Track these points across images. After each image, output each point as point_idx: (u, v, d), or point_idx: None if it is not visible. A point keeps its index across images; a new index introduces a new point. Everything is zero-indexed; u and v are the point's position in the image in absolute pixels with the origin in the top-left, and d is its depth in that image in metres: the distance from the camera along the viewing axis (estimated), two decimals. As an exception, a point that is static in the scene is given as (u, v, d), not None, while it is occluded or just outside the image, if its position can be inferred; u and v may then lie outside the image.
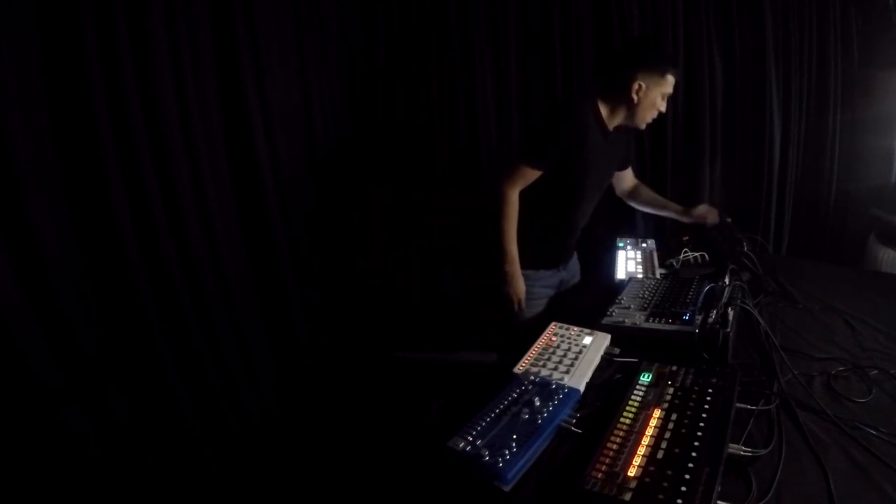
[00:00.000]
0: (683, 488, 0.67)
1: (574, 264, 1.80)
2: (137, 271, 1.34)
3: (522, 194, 1.50)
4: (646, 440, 0.79)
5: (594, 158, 1.49)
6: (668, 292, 1.36)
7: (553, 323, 1.24)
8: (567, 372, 1.03)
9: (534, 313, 1.63)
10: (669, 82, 1.44)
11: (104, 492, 1.24)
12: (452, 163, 2.41)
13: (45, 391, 1.12)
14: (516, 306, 1.56)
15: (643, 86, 1.42)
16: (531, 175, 1.46)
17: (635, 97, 1.43)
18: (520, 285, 1.54)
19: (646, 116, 1.48)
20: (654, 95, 1.44)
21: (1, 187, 1.07)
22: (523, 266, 1.55)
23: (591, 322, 1.23)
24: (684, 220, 1.76)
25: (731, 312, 1.10)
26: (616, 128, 1.54)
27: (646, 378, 0.96)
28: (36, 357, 1.11)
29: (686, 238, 1.85)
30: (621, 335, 1.18)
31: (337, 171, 2.22)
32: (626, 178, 1.82)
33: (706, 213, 1.73)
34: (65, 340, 1.18)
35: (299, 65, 2.02)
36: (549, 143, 1.44)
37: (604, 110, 1.49)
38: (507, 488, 0.76)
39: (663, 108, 1.49)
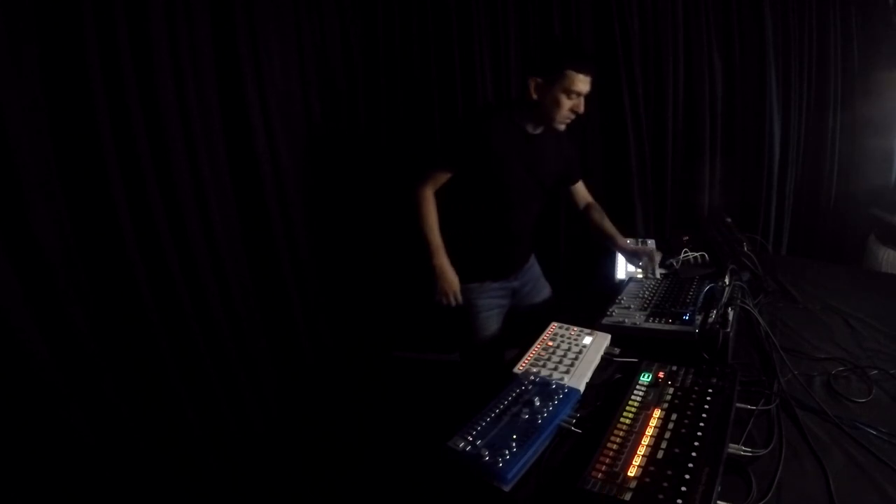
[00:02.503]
0: (683, 488, 0.68)
1: (531, 273, 1.72)
2: (137, 271, 1.34)
3: (458, 206, 1.52)
4: (646, 440, 0.79)
5: (511, 161, 1.46)
6: (668, 292, 1.36)
7: (553, 323, 1.24)
8: (567, 372, 1.03)
9: (489, 327, 1.60)
10: (572, 78, 1.35)
11: (104, 492, 1.24)
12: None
13: (45, 390, 1.12)
14: (451, 300, 1.52)
15: (540, 82, 1.38)
16: (440, 175, 1.48)
17: (535, 95, 1.40)
18: (451, 278, 1.51)
19: (554, 115, 1.40)
20: (556, 92, 1.36)
21: (1, 187, 1.07)
22: (468, 279, 1.54)
23: (591, 322, 1.23)
24: (623, 254, 1.67)
25: (731, 312, 1.11)
26: (544, 132, 1.51)
27: (646, 378, 0.96)
28: (36, 356, 1.11)
29: (686, 238, 1.85)
30: (621, 335, 1.19)
31: (337, 170, 2.22)
32: (577, 194, 1.75)
33: (649, 256, 1.58)
34: (65, 340, 1.18)
35: (299, 65, 2.02)
36: (449, 144, 1.50)
37: (520, 115, 1.47)
38: (507, 488, 0.77)
39: (579, 108, 1.40)
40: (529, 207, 1.60)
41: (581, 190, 1.75)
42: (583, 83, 1.37)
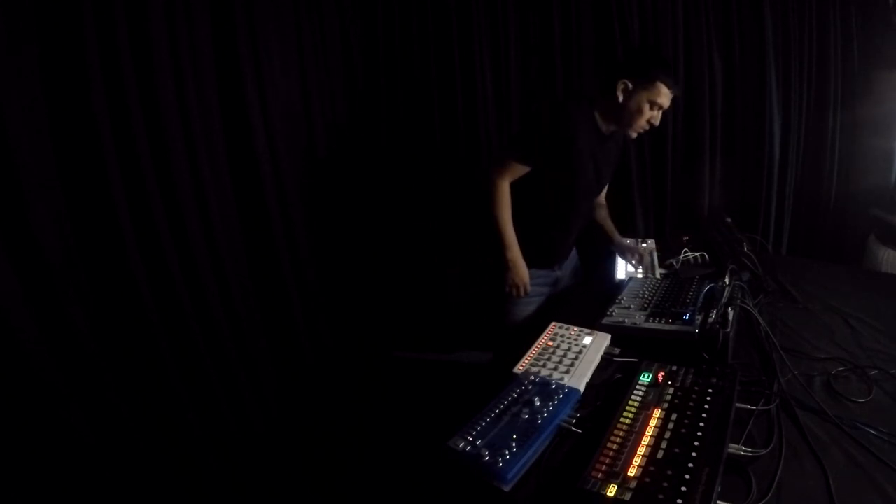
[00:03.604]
0: (683, 488, 0.68)
1: (571, 263, 1.80)
2: (137, 271, 1.34)
3: (519, 193, 1.51)
4: (646, 440, 0.79)
5: (586, 159, 1.49)
6: (668, 292, 1.36)
7: (553, 323, 1.24)
8: (567, 372, 1.03)
9: (527, 312, 1.62)
10: (660, 91, 1.40)
11: (104, 492, 1.24)
12: (452, 162, 2.40)
13: (45, 390, 1.12)
14: (521, 292, 1.56)
15: (629, 85, 1.41)
16: (518, 169, 1.48)
17: (620, 96, 1.42)
18: (523, 271, 1.54)
19: (633, 121, 1.45)
20: (641, 99, 1.41)
21: (1, 187, 1.07)
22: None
23: (591, 322, 1.23)
24: (617, 250, 1.76)
25: (731, 312, 1.10)
26: (613, 133, 1.55)
27: (646, 378, 0.96)
28: (36, 356, 1.11)
29: (686, 238, 1.85)
30: (621, 335, 1.18)
31: (337, 170, 2.22)
32: (601, 194, 1.82)
33: (641, 254, 1.71)
34: (65, 340, 1.18)
35: (299, 65, 2.02)
36: (535, 140, 1.46)
37: (598, 114, 1.50)
38: (507, 488, 0.77)
39: (656, 120, 1.45)
40: (588, 203, 1.67)
41: (604, 191, 1.83)
42: (667, 98, 1.42)
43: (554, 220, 1.60)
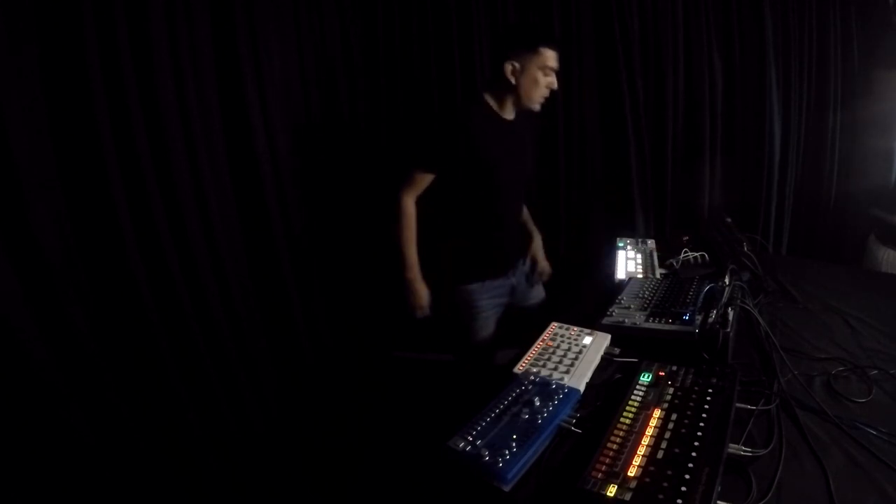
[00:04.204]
0: (683, 488, 0.68)
1: (523, 270, 1.73)
2: (137, 271, 1.34)
3: (447, 208, 1.52)
4: (646, 440, 0.79)
5: (494, 150, 1.48)
6: (668, 292, 1.36)
7: (553, 323, 1.24)
8: (567, 372, 1.03)
9: (487, 328, 1.61)
10: (545, 55, 1.41)
11: (104, 492, 1.24)
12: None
13: (45, 390, 1.12)
14: (420, 313, 1.56)
15: (516, 66, 1.41)
16: (424, 179, 1.48)
17: (512, 79, 1.42)
18: (422, 292, 1.54)
19: (532, 95, 1.45)
20: (533, 72, 1.41)
21: (1, 187, 1.07)
22: (468, 279, 1.55)
23: (591, 322, 1.23)
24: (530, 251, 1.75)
25: (731, 312, 1.11)
26: (518, 115, 1.53)
27: (646, 378, 0.96)
28: (36, 356, 1.11)
29: (686, 238, 1.85)
30: (621, 335, 1.18)
31: (337, 171, 2.22)
32: None
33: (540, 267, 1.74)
34: (65, 340, 1.18)
35: (300, 65, 2.02)
36: (431, 144, 1.47)
37: (492, 102, 1.49)
38: (507, 488, 0.77)
39: (554, 84, 1.45)
40: (516, 192, 1.63)
41: None
42: (554, 59, 1.43)
43: (485, 218, 1.56)
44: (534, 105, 1.48)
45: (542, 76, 1.43)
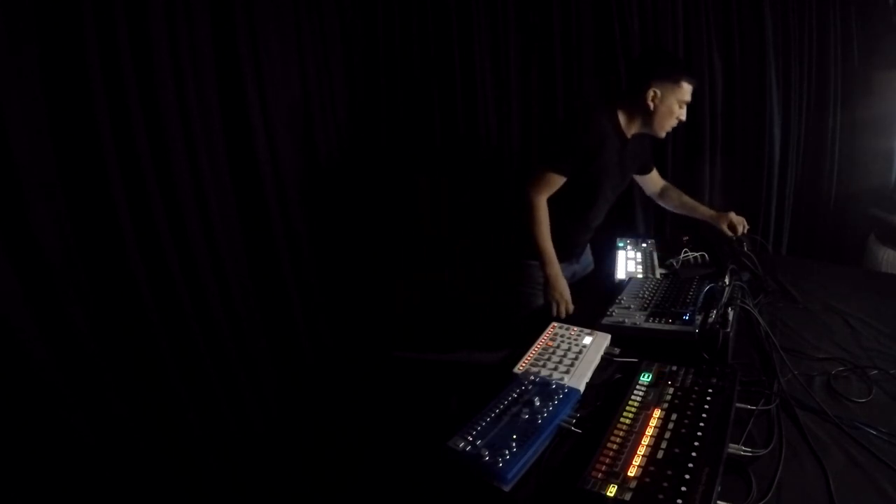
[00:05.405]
0: (683, 488, 0.68)
1: (586, 257, 1.85)
2: (137, 271, 1.34)
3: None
4: (646, 440, 0.79)
5: (610, 164, 1.53)
6: (668, 292, 1.36)
7: (553, 323, 1.24)
8: (567, 372, 1.03)
9: (538, 301, 1.63)
10: (685, 90, 1.46)
11: (104, 492, 1.24)
12: (452, 162, 2.40)
13: (45, 390, 1.12)
14: (563, 308, 1.52)
15: (658, 93, 1.45)
16: (557, 181, 1.49)
17: (651, 105, 1.47)
18: (563, 286, 1.52)
19: (664, 124, 1.51)
20: (671, 103, 1.46)
21: (1, 187, 1.07)
22: (535, 255, 1.56)
23: (591, 322, 1.23)
24: (717, 225, 1.73)
25: (731, 312, 1.11)
26: (634, 135, 1.57)
27: (646, 378, 0.96)
28: (36, 356, 1.11)
29: (686, 238, 1.85)
30: (621, 335, 1.18)
31: (337, 170, 2.22)
32: (654, 181, 1.88)
33: (739, 222, 1.72)
34: (65, 340, 1.18)
35: (300, 64, 2.02)
36: (570, 150, 1.48)
37: (622, 118, 1.53)
38: (507, 488, 0.77)
39: (682, 116, 1.51)
40: (610, 202, 1.69)
41: (656, 175, 1.88)
42: (690, 94, 1.49)
43: (576, 221, 1.63)
44: (661, 134, 1.53)
45: (677, 108, 1.48)
